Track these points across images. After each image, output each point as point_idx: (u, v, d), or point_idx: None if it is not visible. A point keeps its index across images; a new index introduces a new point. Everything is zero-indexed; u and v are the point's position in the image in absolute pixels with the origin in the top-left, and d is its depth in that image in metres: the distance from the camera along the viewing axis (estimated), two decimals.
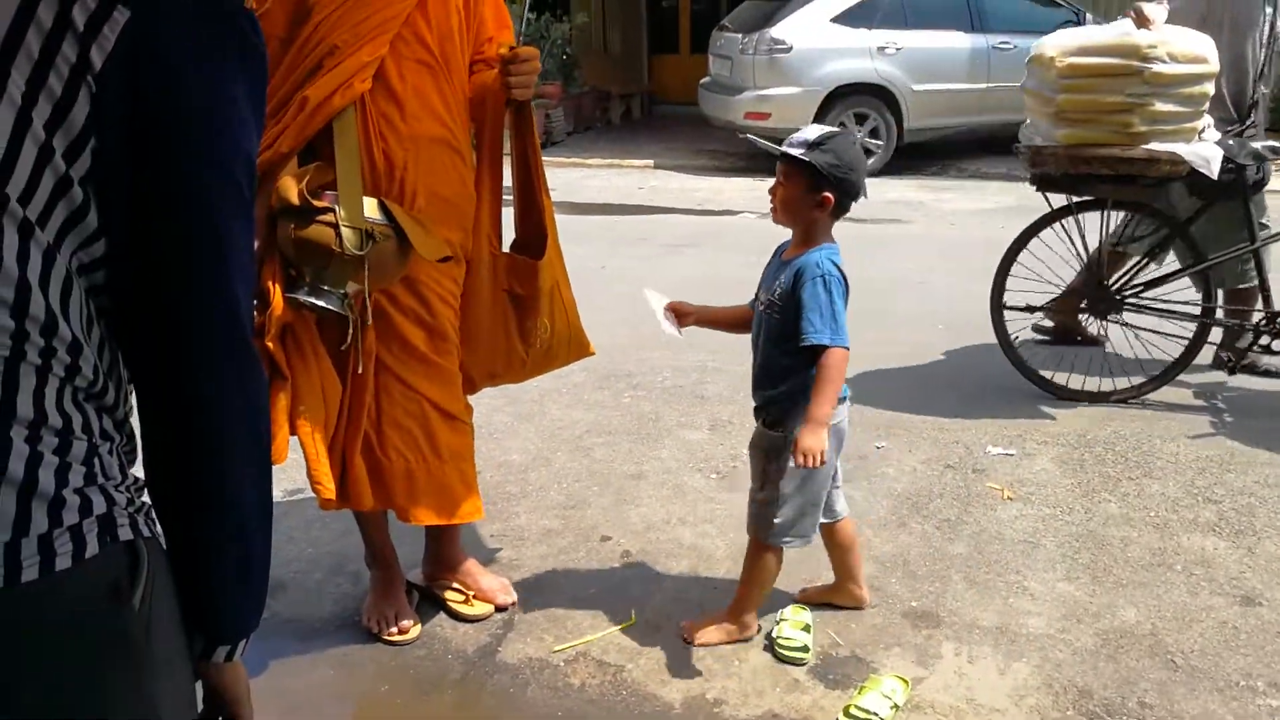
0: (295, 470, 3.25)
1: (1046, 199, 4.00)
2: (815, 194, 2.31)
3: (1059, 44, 3.67)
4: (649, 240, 6.64)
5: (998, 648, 2.53)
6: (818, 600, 2.70)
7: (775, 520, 2.42)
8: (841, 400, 2.41)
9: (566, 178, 9.29)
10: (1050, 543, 3.00)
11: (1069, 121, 3.66)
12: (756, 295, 2.51)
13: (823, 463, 2.24)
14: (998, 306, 4.08)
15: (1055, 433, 3.74)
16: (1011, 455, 3.57)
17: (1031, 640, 2.55)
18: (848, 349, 2.31)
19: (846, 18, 9.02)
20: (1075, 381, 4.05)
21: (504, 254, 2.52)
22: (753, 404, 2.52)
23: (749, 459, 2.55)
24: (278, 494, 3.32)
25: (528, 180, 2.50)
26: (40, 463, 0.90)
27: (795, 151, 2.29)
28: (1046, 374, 4.08)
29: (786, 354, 2.35)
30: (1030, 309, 4.12)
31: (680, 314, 2.54)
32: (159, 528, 1.03)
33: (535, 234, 2.54)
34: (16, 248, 0.88)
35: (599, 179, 9.36)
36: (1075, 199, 3.95)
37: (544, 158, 2.56)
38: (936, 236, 7.00)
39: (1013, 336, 4.10)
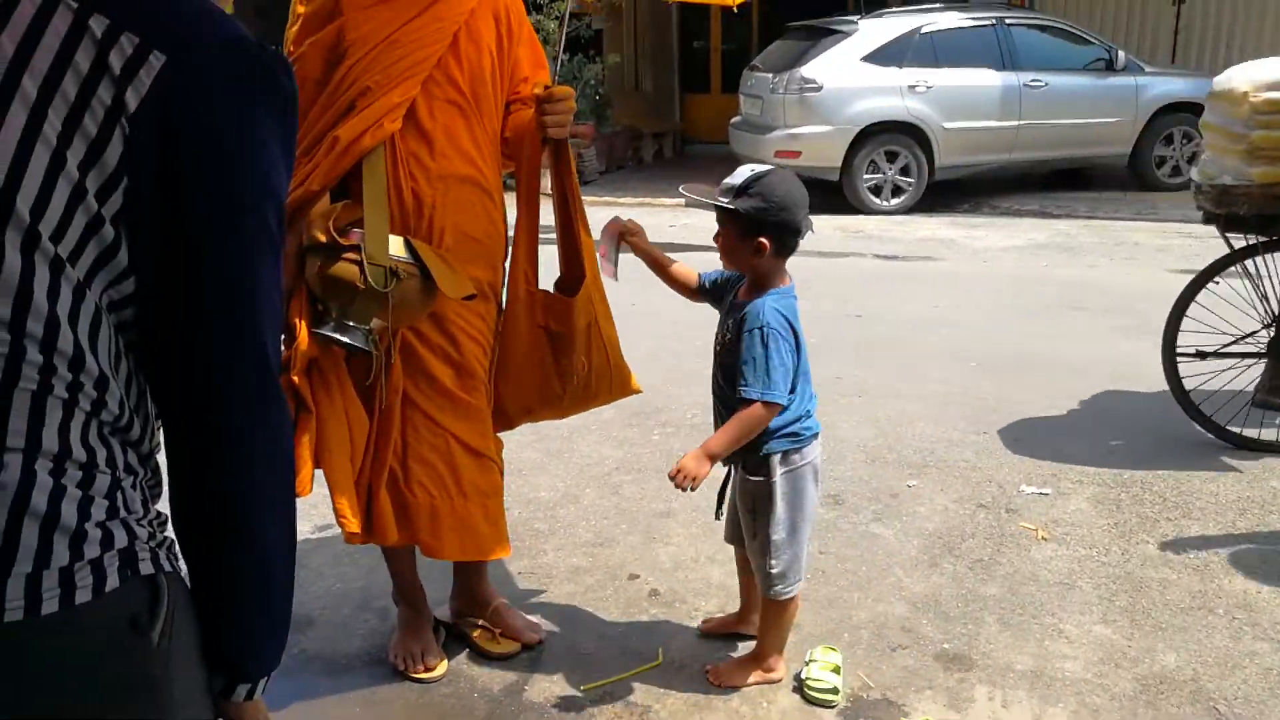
0: (325, 506, 3.26)
1: (1227, 241, 3.80)
2: (750, 240, 2.27)
3: (1250, 78, 3.51)
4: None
5: (1033, 692, 2.47)
6: (721, 631, 2.70)
7: (772, 572, 2.39)
8: (813, 436, 2.40)
9: (598, 216, 9.26)
10: (1086, 584, 2.94)
11: (1266, 159, 3.48)
12: (716, 334, 2.47)
13: (692, 488, 2.25)
14: (1170, 353, 3.86)
15: (1091, 472, 3.68)
16: (1046, 494, 3.52)
17: (1068, 685, 2.49)
18: (777, 404, 2.26)
19: (877, 57, 9.04)
20: (1266, 433, 3.82)
21: (540, 291, 2.53)
22: (727, 460, 2.45)
23: (737, 510, 2.51)
24: (306, 529, 3.33)
25: (568, 218, 2.51)
26: (63, 496, 0.91)
27: (721, 200, 2.27)
28: (1234, 428, 3.83)
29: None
30: (1201, 355, 3.88)
31: (632, 234, 2.53)
32: (181, 563, 1.04)
33: (574, 271, 2.54)
34: (47, 284, 0.89)
35: (630, 217, 9.41)
36: (1261, 239, 3.72)
37: None
38: (968, 273, 6.96)
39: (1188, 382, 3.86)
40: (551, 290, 2.55)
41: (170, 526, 1.05)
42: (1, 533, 0.87)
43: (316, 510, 3.35)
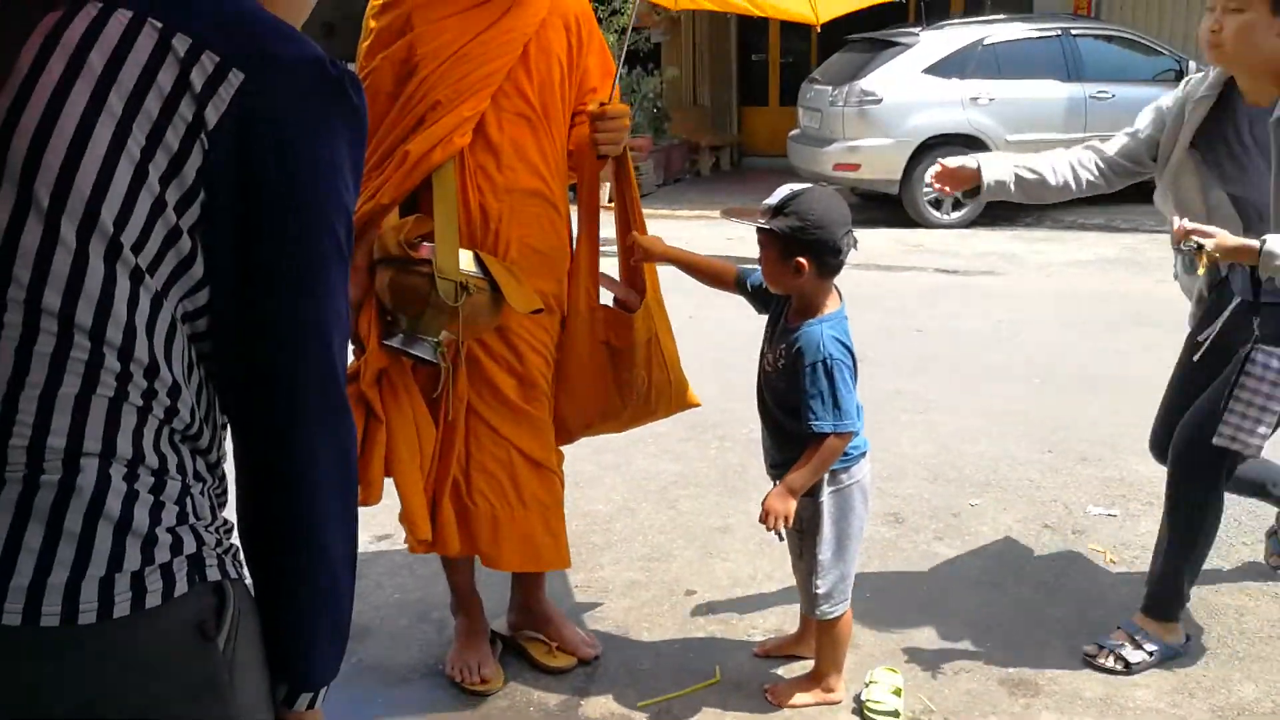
0: (386, 515, 3.28)
1: None
2: (789, 260, 2.24)
3: None
4: (732, 295, 6.57)
5: None
6: (779, 653, 2.67)
7: (818, 592, 2.37)
8: (861, 455, 2.38)
9: (655, 229, 9.19)
10: None
11: None
12: (762, 351, 2.45)
13: (785, 527, 2.26)
14: None
15: (1161, 493, 3.55)
16: (1114, 516, 3.43)
17: (1140, 714, 2.42)
18: (852, 432, 2.27)
19: (938, 69, 8.95)
20: None
21: (601, 306, 2.53)
22: (769, 472, 2.47)
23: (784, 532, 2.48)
24: (366, 539, 3.36)
25: (626, 231, 2.52)
26: (136, 500, 0.93)
27: (760, 222, 2.25)
28: None
29: (796, 419, 2.28)
30: None
31: (646, 255, 2.48)
32: (246, 570, 1.06)
33: (635, 286, 2.54)
34: (128, 293, 0.92)
35: (688, 230, 9.39)
36: None
37: None
38: (1031, 288, 6.84)
39: None
40: (612, 304, 2.55)
41: (236, 534, 1.07)
42: (77, 536, 0.90)
43: (375, 519, 3.37)
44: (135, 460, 0.94)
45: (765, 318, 2.51)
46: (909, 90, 8.91)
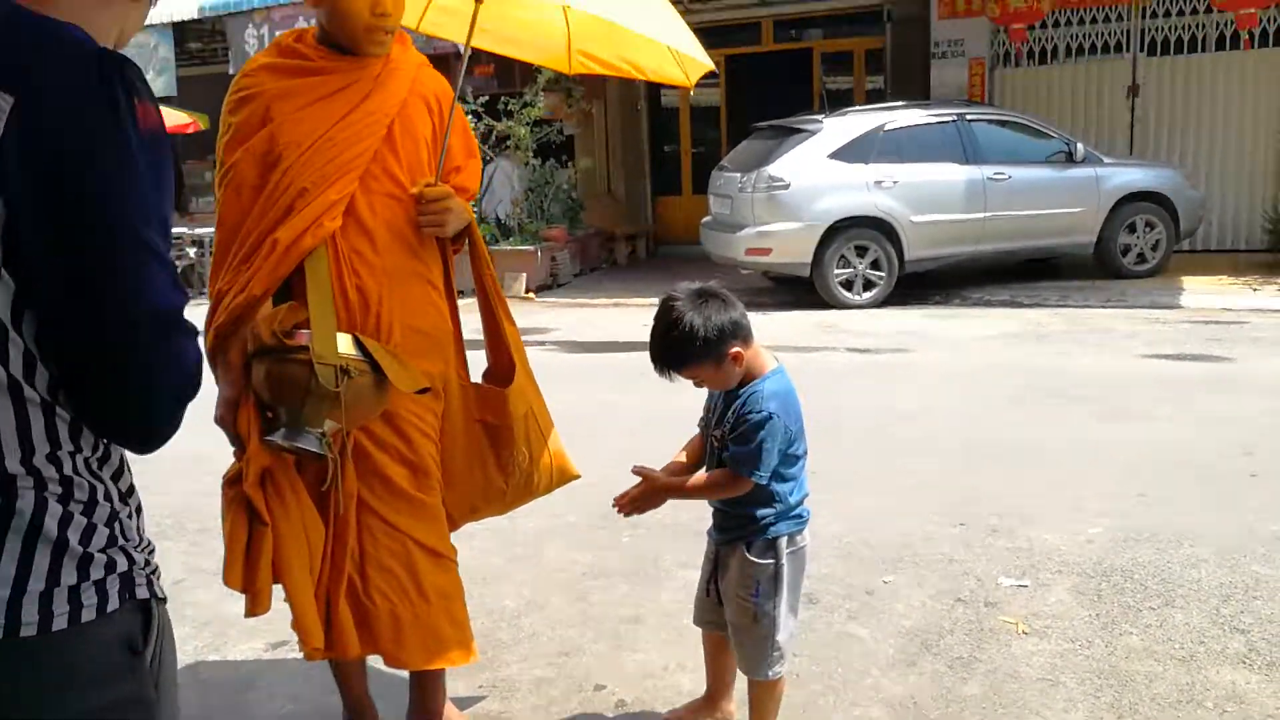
0: (279, 622, 3.12)
1: None
2: (725, 360, 2.27)
3: None
4: (650, 376, 6.57)
5: None
6: None
7: (776, 653, 2.37)
8: (802, 522, 2.41)
9: (572, 317, 9.37)
10: (1070, 680, 2.82)
11: None
12: (706, 423, 2.46)
13: (629, 515, 2.43)
14: None
15: (1070, 562, 3.59)
16: (1025, 586, 3.42)
17: None
18: (755, 483, 2.29)
19: (843, 154, 9.21)
20: None
21: (473, 384, 2.49)
22: (718, 543, 2.46)
23: (726, 604, 2.44)
24: (259, 647, 3.20)
25: (489, 309, 2.50)
26: (71, 522, 1.01)
27: (681, 374, 2.30)
28: None
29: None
30: None
31: (648, 484, 2.43)
32: (164, 590, 1.14)
33: (503, 362, 2.51)
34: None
35: (604, 318, 9.44)
36: None
37: (550, 299, 2.58)
38: (942, 364, 6.96)
39: None
40: (482, 382, 2.50)
41: (157, 554, 1.16)
42: (18, 554, 0.97)
43: (271, 627, 3.20)
44: (67, 485, 1.01)
45: (682, 401, 2.51)
46: (816, 175, 9.14)
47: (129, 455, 1.17)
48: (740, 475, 2.28)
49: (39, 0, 1.04)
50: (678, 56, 2.67)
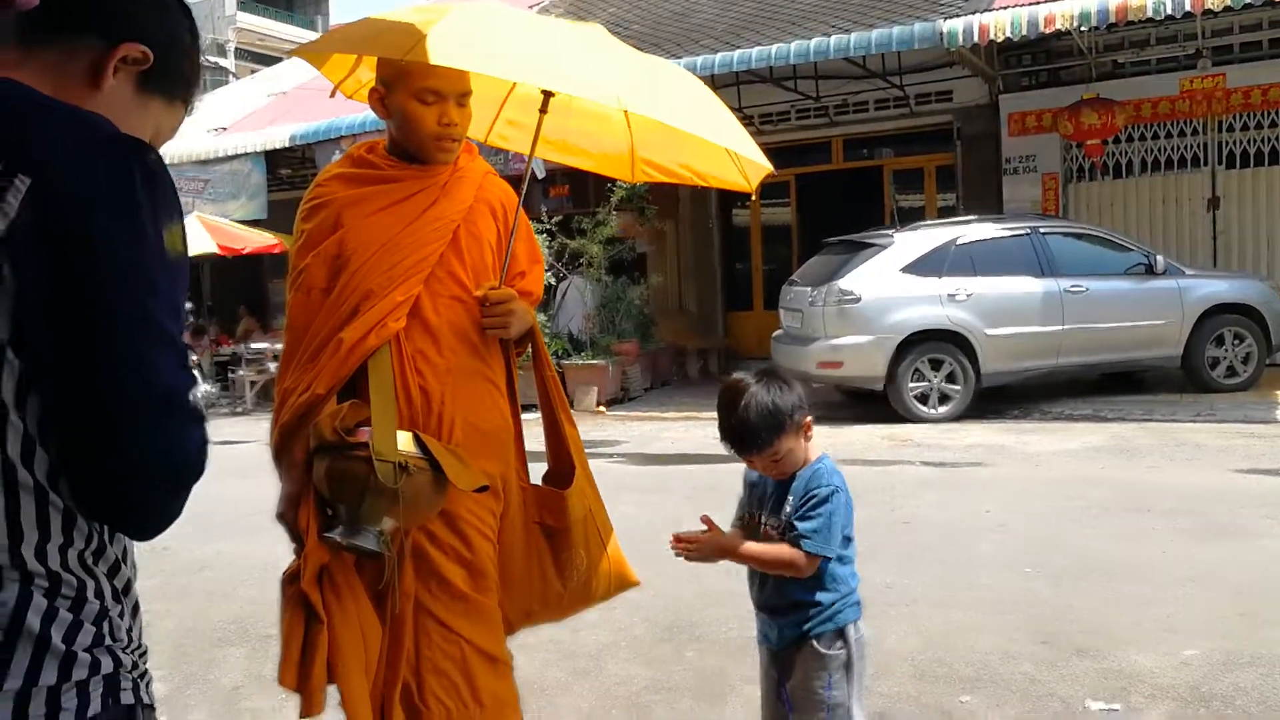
0: None
1: None
2: (799, 433, 2.30)
3: None
4: (719, 488, 6.47)
5: None
6: None
7: None
8: (860, 610, 2.36)
9: (642, 430, 9.35)
10: None
11: None
12: (752, 518, 2.42)
13: (689, 559, 2.34)
14: None
15: (1164, 685, 3.36)
16: (1115, 711, 3.20)
17: None
18: (821, 556, 2.26)
19: (915, 267, 9.17)
20: None
21: (532, 486, 2.46)
22: (779, 648, 2.36)
23: (796, 706, 2.33)
24: None
25: (550, 411, 2.48)
26: (55, 619, 0.97)
27: (770, 434, 2.27)
28: None
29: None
30: None
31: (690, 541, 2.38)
32: (154, 698, 1.10)
33: (563, 464, 2.48)
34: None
35: (674, 431, 9.40)
36: None
37: (621, 412, 2.57)
38: (1021, 478, 6.73)
39: None
40: (542, 484, 2.48)
41: (148, 659, 1.12)
42: None
43: None
44: (54, 579, 0.98)
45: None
46: (887, 288, 9.10)
47: (134, 551, 1.14)
48: (808, 552, 2.24)
49: (75, 96, 1.06)
50: (737, 160, 2.70)
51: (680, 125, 2.39)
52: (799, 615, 2.32)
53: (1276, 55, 10.79)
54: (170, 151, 13.69)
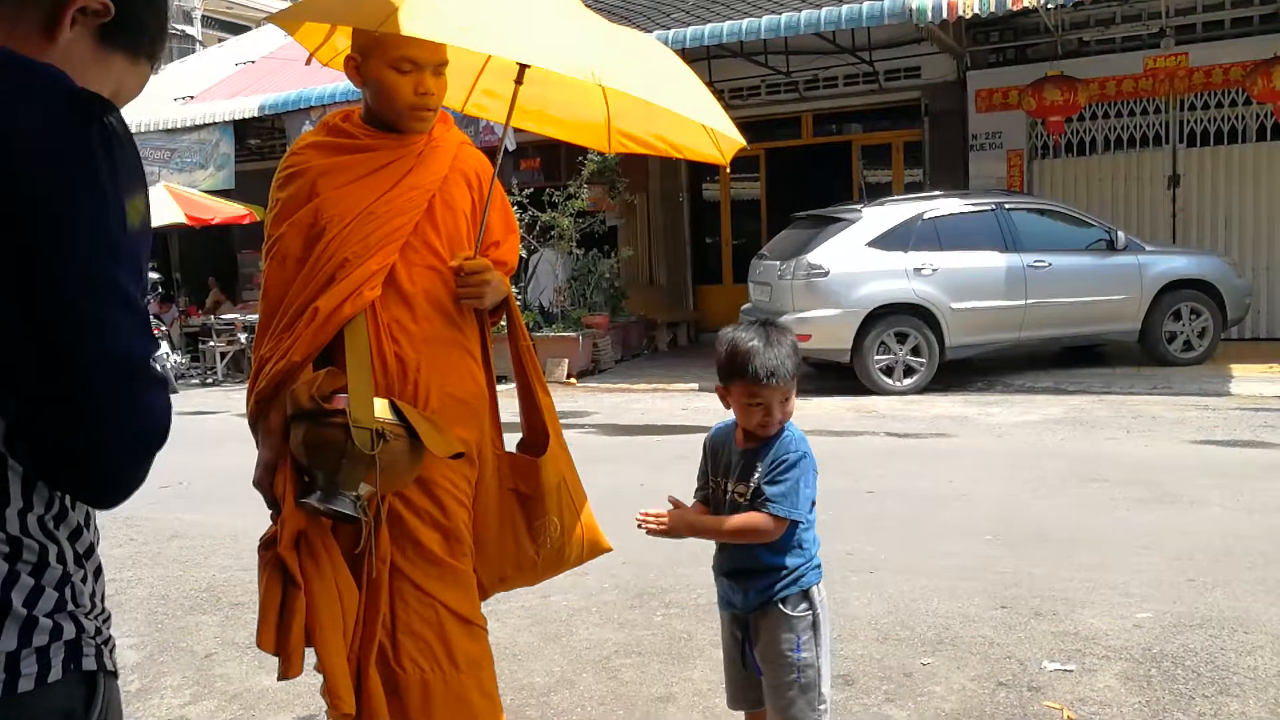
0: (308, 695, 3.13)
1: None
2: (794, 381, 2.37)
3: None
4: (688, 458, 6.54)
5: None
6: None
7: (823, 704, 2.34)
8: (821, 573, 2.39)
9: (612, 401, 9.40)
10: None
11: None
12: (714, 487, 2.45)
13: (651, 533, 2.36)
14: None
15: (1118, 646, 3.49)
16: (1070, 671, 3.31)
17: None
18: (790, 520, 2.30)
19: (882, 242, 9.27)
20: None
21: (507, 453, 2.50)
22: (743, 612, 2.40)
23: (766, 669, 2.39)
24: None
25: (524, 379, 2.52)
26: (16, 583, 0.95)
27: (797, 365, 2.37)
28: None
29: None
30: None
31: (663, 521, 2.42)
32: (117, 664, 1.09)
33: (537, 433, 2.52)
34: None
35: (643, 402, 9.46)
36: None
37: (592, 384, 2.61)
38: (983, 449, 6.87)
39: None
40: (516, 451, 2.52)
41: (111, 624, 1.09)
42: None
43: (299, 700, 3.20)
44: (15, 544, 0.95)
45: None
46: (854, 262, 9.20)
47: (96, 516, 1.11)
48: (777, 516, 2.28)
49: (28, 48, 1.01)
50: (712, 134, 2.74)
51: (655, 100, 2.42)
52: (766, 579, 2.37)
53: (1238, 35, 10.95)
54: (136, 120, 13.49)
